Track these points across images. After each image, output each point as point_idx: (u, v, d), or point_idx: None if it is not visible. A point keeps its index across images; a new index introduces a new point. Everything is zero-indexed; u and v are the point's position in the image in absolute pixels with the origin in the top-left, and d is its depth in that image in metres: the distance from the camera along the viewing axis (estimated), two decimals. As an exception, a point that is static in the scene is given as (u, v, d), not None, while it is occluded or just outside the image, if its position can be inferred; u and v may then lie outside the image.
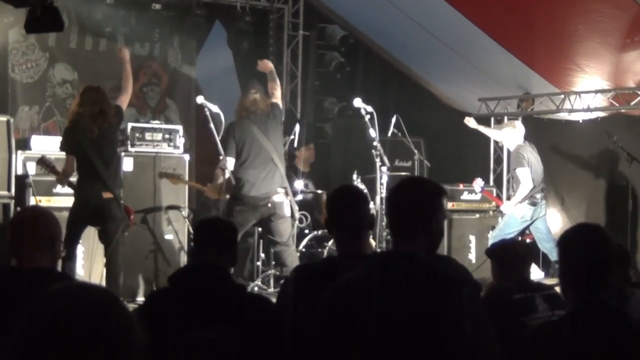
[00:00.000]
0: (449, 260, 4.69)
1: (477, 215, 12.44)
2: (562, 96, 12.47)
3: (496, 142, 13.50)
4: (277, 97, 9.66)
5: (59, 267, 4.51)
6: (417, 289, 3.18)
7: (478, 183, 11.61)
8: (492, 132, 12.25)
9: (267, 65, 9.97)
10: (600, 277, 3.46)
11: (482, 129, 11.98)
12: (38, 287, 1.94)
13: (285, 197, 9.42)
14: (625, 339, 3.32)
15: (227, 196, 9.56)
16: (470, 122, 11.88)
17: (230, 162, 9.24)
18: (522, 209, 10.63)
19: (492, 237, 10.70)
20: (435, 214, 3.38)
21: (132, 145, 10.47)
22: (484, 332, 3.27)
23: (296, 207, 9.70)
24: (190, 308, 3.88)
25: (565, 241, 3.63)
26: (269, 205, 9.28)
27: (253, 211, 9.31)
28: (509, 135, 10.95)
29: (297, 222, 9.85)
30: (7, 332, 1.82)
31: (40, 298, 1.85)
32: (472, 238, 12.27)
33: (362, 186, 10.84)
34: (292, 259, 9.26)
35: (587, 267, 3.47)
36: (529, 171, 10.56)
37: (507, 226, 10.73)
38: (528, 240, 11.38)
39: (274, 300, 4.77)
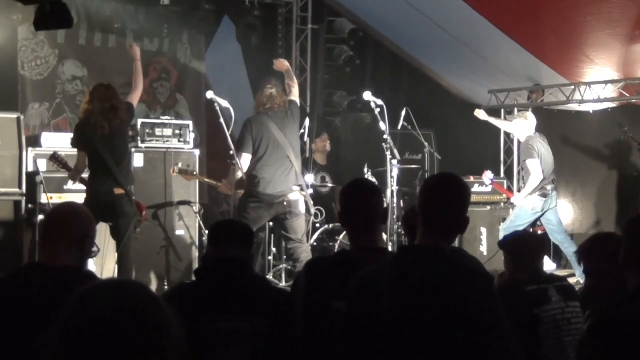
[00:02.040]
0: (460, 252, 4.70)
1: (488, 208, 12.43)
2: (572, 87, 12.44)
3: (506, 134, 13.48)
4: (295, 95, 9.63)
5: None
6: (443, 283, 3.25)
7: (487, 175, 11.60)
8: (503, 124, 12.23)
9: (283, 64, 9.94)
10: None
11: (492, 120, 11.94)
12: (66, 285, 1.94)
13: (300, 195, 9.39)
14: None
15: (239, 192, 9.54)
16: (481, 114, 11.84)
17: (246, 159, 9.19)
18: (533, 201, 10.61)
19: (503, 229, 10.69)
20: (467, 210, 3.52)
21: (143, 141, 10.49)
22: (500, 324, 3.28)
23: (311, 203, 9.67)
24: (218, 299, 3.93)
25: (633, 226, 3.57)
26: (285, 203, 9.24)
27: (268, 209, 9.27)
28: (520, 127, 10.92)
29: (312, 217, 9.84)
30: (33, 329, 1.84)
31: (81, 295, 1.87)
32: (484, 230, 12.26)
33: (372, 179, 10.85)
34: (306, 255, 9.21)
35: None
36: (539, 162, 10.54)
37: (518, 218, 10.71)
38: (540, 232, 11.37)
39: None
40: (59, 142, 10.22)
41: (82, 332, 1.80)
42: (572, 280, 8.27)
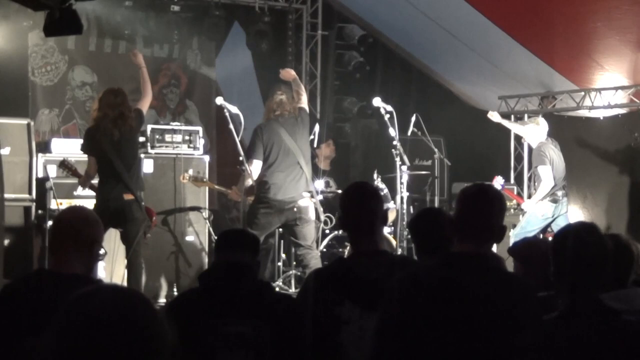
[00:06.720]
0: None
1: (499, 214, 12.37)
2: (583, 93, 12.42)
3: (517, 140, 13.45)
4: (303, 102, 9.64)
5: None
6: (491, 290, 3.37)
7: (498, 181, 11.54)
8: (515, 127, 12.15)
9: (290, 73, 9.93)
10: (592, 276, 3.48)
11: (505, 123, 11.87)
12: (70, 292, 1.93)
13: (310, 201, 9.39)
14: (618, 337, 3.33)
15: (249, 198, 9.53)
16: (494, 116, 11.77)
17: (256, 165, 9.19)
18: (543, 207, 10.58)
19: (514, 235, 10.64)
20: (503, 220, 3.64)
21: (152, 147, 10.51)
22: (536, 329, 3.37)
23: (321, 209, 9.66)
24: (222, 304, 3.94)
25: (558, 240, 3.68)
26: (295, 209, 9.23)
27: (278, 215, 9.26)
28: (532, 132, 10.87)
29: (322, 224, 9.82)
30: (39, 335, 1.83)
31: (73, 300, 1.86)
32: (494, 236, 12.20)
33: (382, 185, 10.84)
34: (316, 262, 9.22)
35: (578, 266, 3.50)
36: (550, 169, 10.51)
37: (529, 224, 10.67)
38: (550, 238, 11.32)
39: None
40: (69, 148, 10.25)
41: (72, 338, 1.79)
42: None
